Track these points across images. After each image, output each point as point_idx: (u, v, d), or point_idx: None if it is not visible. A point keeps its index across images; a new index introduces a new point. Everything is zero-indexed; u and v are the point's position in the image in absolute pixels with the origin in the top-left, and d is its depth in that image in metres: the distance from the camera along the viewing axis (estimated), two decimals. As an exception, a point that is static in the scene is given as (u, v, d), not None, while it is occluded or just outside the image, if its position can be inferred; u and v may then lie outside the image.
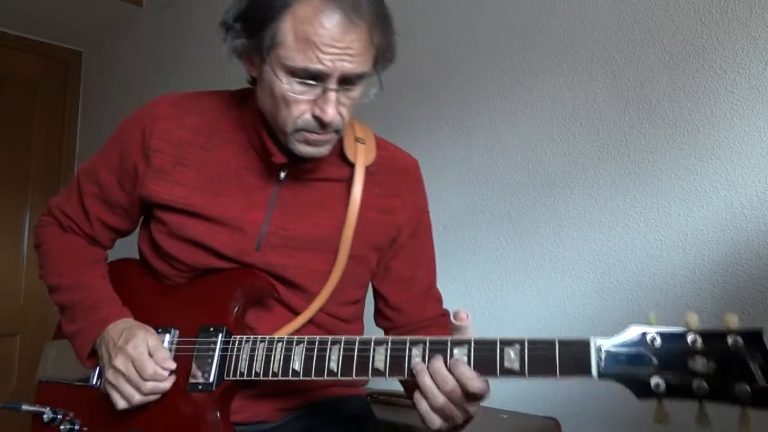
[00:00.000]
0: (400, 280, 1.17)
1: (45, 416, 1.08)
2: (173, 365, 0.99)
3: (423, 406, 0.85)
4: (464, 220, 1.84)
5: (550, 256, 1.66)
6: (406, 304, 1.17)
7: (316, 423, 1.11)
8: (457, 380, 0.83)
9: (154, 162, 1.07)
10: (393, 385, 1.30)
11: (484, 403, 0.89)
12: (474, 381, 0.83)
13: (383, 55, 0.98)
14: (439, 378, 0.84)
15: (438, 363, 0.84)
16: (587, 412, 1.52)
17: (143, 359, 0.97)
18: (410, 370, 0.86)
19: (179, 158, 1.07)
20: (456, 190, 1.86)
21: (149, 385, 0.97)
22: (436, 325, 1.17)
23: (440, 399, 0.84)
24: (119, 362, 0.98)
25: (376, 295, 1.20)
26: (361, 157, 1.09)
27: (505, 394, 1.61)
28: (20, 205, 3.37)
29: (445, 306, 1.23)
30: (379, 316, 1.21)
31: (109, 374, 0.99)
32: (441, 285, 1.23)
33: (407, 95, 1.99)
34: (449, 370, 0.84)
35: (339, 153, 1.09)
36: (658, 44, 1.50)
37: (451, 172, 1.87)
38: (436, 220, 1.20)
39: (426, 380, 0.84)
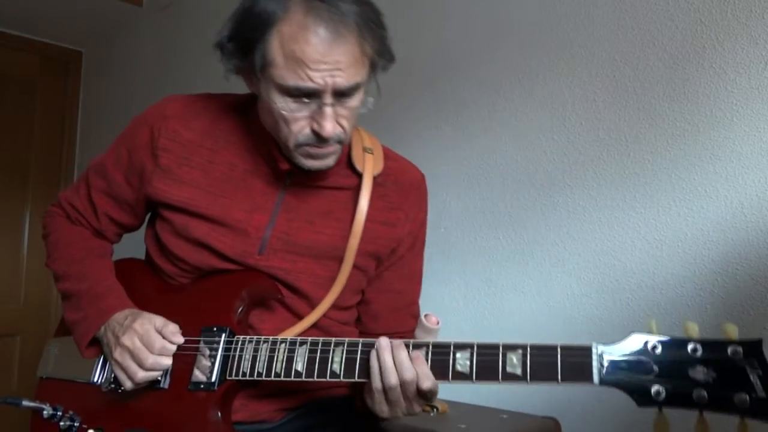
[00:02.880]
0: (388, 290, 1.17)
1: (45, 412, 1.08)
2: (181, 339, 1.00)
3: (377, 386, 0.89)
4: (464, 220, 1.84)
5: (550, 256, 1.66)
6: (385, 314, 1.18)
7: (316, 423, 1.11)
8: (415, 368, 0.86)
9: (162, 161, 1.08)
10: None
11: (484, 403, 0.89)
12: (429, 380, 0.86)
13: (379, 59, 0.98)
14: (402, 366, 0.87)
15: (403, 353, 0.88)
16: (587, 412, 1.52)
17: (151, 334, 0.98)
18: (376, 351, 0.89)
19: (186, 159, 1.08)
20: (456, 190, 1.86)
21: (150, 360, 0.97)
22: (405, 336, 1.17)
23: (394, 378, 0.87)
24: (126, 339, 0.98)
25: (360, 299, 1.20)
26: (369, 167, 1.09)
27: (505, 394, 1.62)
28: (20, 205, 3.37)
29: (443, 307, 1.23)
30: (356, 321, 1.21)
31: (117, 354, 0.99)
32: (441, 285, 1.23)
33: (407, 95, 1.99)
34: (411, 358, 0.87)
35: (347, 162, 1.09)
36: (658, 44, 1.50)
37: (451, 172, 1.87)
38: (435, 220, 1.20)
39: (387, 358, 0.87)
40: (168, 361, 0.99)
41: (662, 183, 1.47)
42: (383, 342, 0.89)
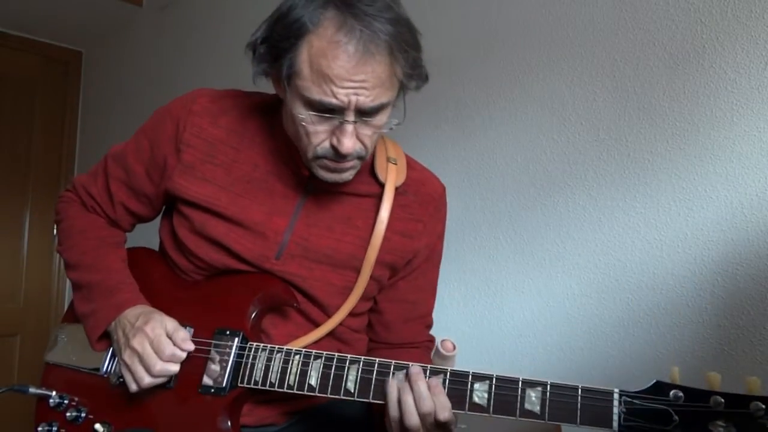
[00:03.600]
0: (402, 300, 1.16)
1: (51, 400, 1.07)
2: (192, 346, 0.98)
3: (394, 414, 0.87)
4: (464, 220, 1.84)
5: (550, 256, 1.66)
6: (398, 324, 1.17)
7: (321, 425, 1.11)
8: (434, 400, 0.85)
9: (185, 157, 1.06)
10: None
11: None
12: (446, 411, 0.85)
13: (409, 81, 0.95)
14: (421, 398, 0.85)
15: (423, 386, 0.86)
16: (587, 412, 1.52)
17: (161, 340, 0.97)
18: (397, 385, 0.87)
19: (210, 156, 1.06)
20: (456, 190, 1.86)
21: (159, 366, 0.96)
22: (420, 349, 1.17)
23: (415, 419, 0.85)
24: (136, 342, 0.97)
25: (372, 307, 1.19)
26: (392, 177, 1.08)
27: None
28: (20, 205, 3.37)
29: (443, 307, 1.23)
30: (367, 328, 1.21)
31: (126, 355, 0.98)
32: (441, 285, 1.23)
33: (407, 95, 1.99)
34: (430, 389, 0.85)
35: (370, 170, 1.08)
36: (658, 44, 1.50)
37: (451, 172, 1.87)
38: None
39: (408, 399, 0.86)
40: (176, 368, 0.98)
41: (662, 183, 1.47)
42: (402, 385, 0.87)
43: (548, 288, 1.65)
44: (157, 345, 0.96)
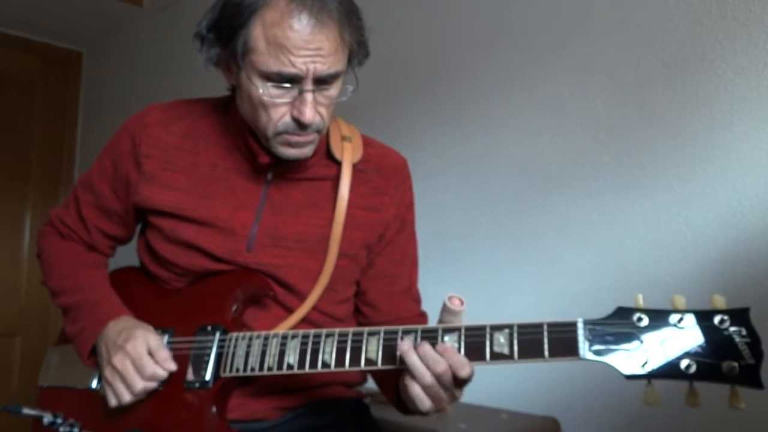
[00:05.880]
0: (381, 276, 1.17)
1: (45, 419, 1.09)
2: (174, 366, 0.99)
3: (415, 388, 0.87)
4: (464, 220, 1.84)
5: (550, 256, 1.66)
6: (383, 301, 1.18)
7: (314, 423, 1.11)
8: (450, 366, 0.85)
9: (145, 168, 1.09)
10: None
11: (484, 403, 0.89)
12: (466, 368, 0.85)
13: (357, 51, 1.00)
14: (429, 359, 0.85)
15: (426, 346, 0.86)
16: (587, 412, 1.53)
17: (142, 359, 0.98)
18: (401, 357, 0.87)
19: (168, 163, 1.09)
20: (456, 190, 1.86)
21: (140, 386, 0.97)
22: (412, 324, 1.17)
23: (428, 378, 0.86)
24: (117, 361, 0.98)
25: (357, 292, 1.20)
26: (348, 155, 1.10)
27: (505, 393, 1.62)
28: (20, 205, 3.36)
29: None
30: (355, 312, 1.21)
31: (107, 372, 1.00)
32: (439, 284, 1.23)
33: (407, 95, 1.99)
34: (436, 350, 0.86)
35: (326, 152, 1.10)
36: (657, 45, 1.50)
37: (451, 172, 1.87)
38: (435, 220, 1.20)
39: (414, 360, 0.86)
40: (154, 385, 0.99)
41: (662, 183, 1.47)
42: (404, 346, 0.87)
43: (547, 288, 1.65)
44: (138, 363, 0.97)
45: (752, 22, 1.36)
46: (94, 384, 1.09)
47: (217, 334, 1.01)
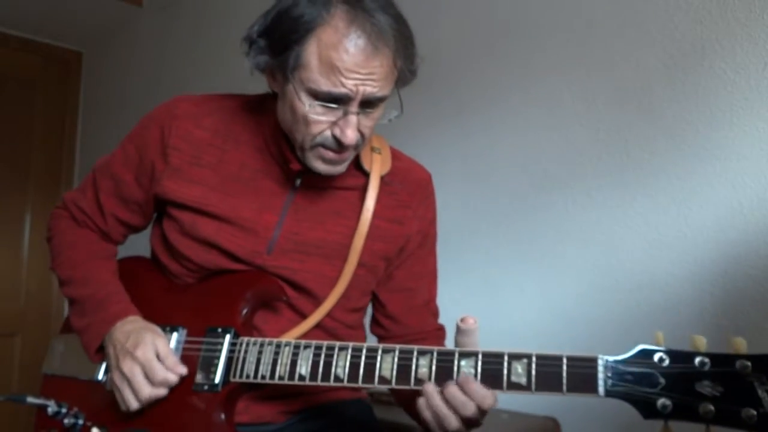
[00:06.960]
0: (401, 289, 1.17)
1: (49, 409, 1.07)
2: (184, 370, 0.99)
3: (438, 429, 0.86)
4: (464, 221, 1.84)
5: (550, 256, 1.66)
6: (403, 314, 1.18)
7: (320, 426, 1.11)
8: (473, 400, 0.83)
9: (172, 160, 1.08)
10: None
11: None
12: (489, 399, 0.84)
13: (404, 75, 1.00)
14: (458, 404, 0.84)
15: (452, 388, 0.84)
16: (587, 413, 1.52)
17: (153, 365, 0.97)
18: (417, 380, 0.87)
19: (196, 158, 1.08)
20: (456, 190, 1.86)
21: (148, 391, 0.96)
22: (431, 338, 1.17)
23: (455, 422, 0.85)
24: (126, 366, 0.97)
25: (375, 301, 1.20)
26: (377, 166, 1.10)
27: (506, 393, 1.61)
28: (20, 205, 3.37)
29: (443, 307, 1.23)
30: (375, 324, 1.21)
31: (116, 377, 0.99)
32: (440, 285, 1.23)
33: (407, 95, 1.99)
34: (464, 391, 0.84)
35: (355, 162, 1.09)
36: (657, 44, 1.50)
37: (451, 171, 1.87)
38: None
39: (439, 404, 0.85)
40: (165, 392, 0.98)
41: (662, 183, 1.47)
42: (429, 388, 0.86)
43: (548, 288, 1.65)
44: (148, 370, 0.97)
45: (752, 22, 1.36)
46: (100, 376, 1.08)
47: (228, 337, 1.00)
